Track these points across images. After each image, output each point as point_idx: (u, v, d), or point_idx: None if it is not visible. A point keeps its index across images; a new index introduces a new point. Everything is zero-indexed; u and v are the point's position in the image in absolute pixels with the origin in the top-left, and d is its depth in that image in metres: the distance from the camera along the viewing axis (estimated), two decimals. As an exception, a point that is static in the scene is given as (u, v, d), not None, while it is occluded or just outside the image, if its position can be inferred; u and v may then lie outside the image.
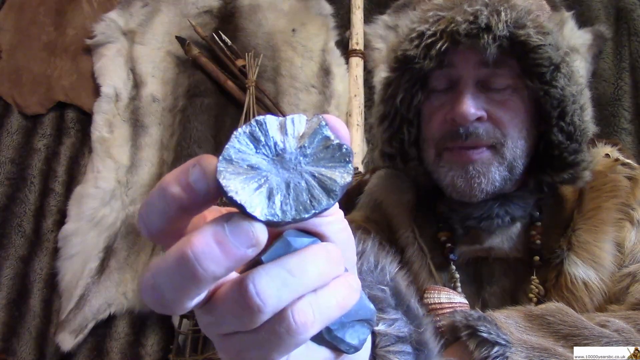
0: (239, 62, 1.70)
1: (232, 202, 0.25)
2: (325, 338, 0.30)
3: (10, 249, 1.64)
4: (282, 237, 0.28)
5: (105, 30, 1.78)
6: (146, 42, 1.77)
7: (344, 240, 0.31)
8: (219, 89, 1.72)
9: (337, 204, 0.31)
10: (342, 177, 0.27)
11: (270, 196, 0.26)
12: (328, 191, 0.27)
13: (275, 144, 0.27)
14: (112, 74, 1.74)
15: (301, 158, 0.27)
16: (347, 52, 1.78)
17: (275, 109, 1.67)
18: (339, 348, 0.30)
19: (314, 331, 0.27)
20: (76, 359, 1.52)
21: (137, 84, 1.74)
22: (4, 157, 1.71)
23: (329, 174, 0.27)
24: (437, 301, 0.67)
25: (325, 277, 0.28)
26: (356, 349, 0.30)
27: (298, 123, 0.28)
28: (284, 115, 0.28)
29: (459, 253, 0.75)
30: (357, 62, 1.76)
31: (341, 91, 1.72)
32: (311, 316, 0.27)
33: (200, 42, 1.76)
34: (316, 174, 0.27)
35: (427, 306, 0.67)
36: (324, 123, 0.28)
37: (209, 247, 0.24)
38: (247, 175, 0.26)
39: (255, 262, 0.28)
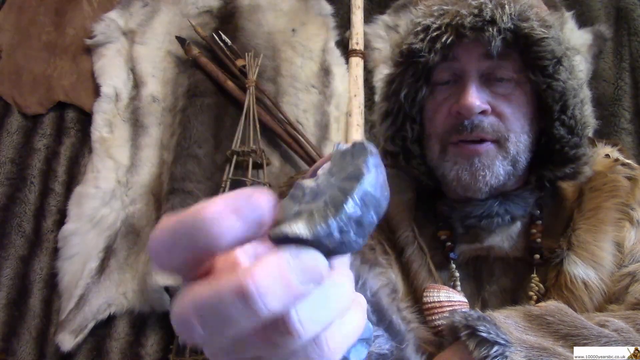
0: (239, 62, 1.70)
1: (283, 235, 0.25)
2: None
3: (10, 249, 1.64)
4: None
5: (105, 30, 1.77)
6: (146, 42, 1.77)
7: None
8: (219, 89, 1.72)
9: None
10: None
11: (310, 216, 0.25)
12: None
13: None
14: (112, 74, 1.73)
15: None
16: (347, 52, 1.78)
17: (276, 109, 1.67)
18: None
19: (339, 356, 0.26)
20: (76, 359, 1.51)
21: (137, 84, 1.73)
22: (4, 157, 1.71)
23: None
24: (436, 300, 0.67)
25: (350, 301, 0.27)
26: None
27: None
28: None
29: (459, 252, 0.75)
30: (357, 62, 1.76)
31: (341, 91, 1.72)
32: (340, 341, 0.26)
33: (200, 42, 1.75)
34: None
35: (426, 305, 0.68)
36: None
37: (273, 281, 0.22)
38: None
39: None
